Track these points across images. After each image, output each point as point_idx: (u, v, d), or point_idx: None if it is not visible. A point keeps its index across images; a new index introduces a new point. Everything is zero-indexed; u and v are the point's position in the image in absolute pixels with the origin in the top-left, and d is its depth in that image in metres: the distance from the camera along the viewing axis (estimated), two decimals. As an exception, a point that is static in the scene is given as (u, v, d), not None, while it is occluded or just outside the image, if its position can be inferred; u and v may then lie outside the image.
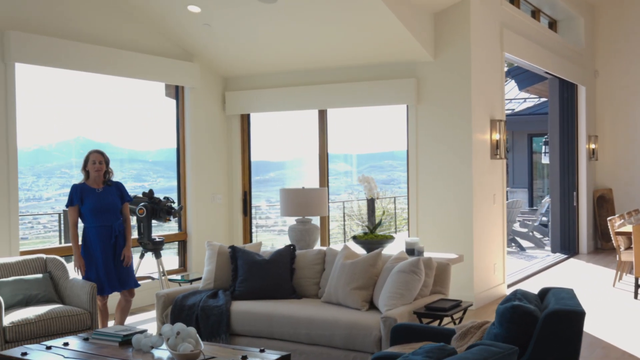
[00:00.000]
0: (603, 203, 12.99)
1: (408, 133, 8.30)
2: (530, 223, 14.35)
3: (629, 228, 8.91)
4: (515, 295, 3.82)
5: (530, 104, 18.40)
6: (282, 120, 10.12)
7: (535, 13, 11.40)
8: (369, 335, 4.97)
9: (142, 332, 4.58)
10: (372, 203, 6.87)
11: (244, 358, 4.12)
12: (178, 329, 4.16)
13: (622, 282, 9.33)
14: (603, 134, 13.15)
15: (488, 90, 8.42)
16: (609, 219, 9.20)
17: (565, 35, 12.34)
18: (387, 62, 8.34)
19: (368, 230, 6.70)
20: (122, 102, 8.96)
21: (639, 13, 12.83)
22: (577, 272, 10.68)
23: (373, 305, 5.43)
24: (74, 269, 6.11)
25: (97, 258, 6.04)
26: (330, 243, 9.43)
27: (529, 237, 13.95)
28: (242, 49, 8.71)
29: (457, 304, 5.21)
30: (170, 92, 9.13)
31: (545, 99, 14.77)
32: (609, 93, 13.07)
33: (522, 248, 13.42)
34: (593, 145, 12.84)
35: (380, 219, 6.74)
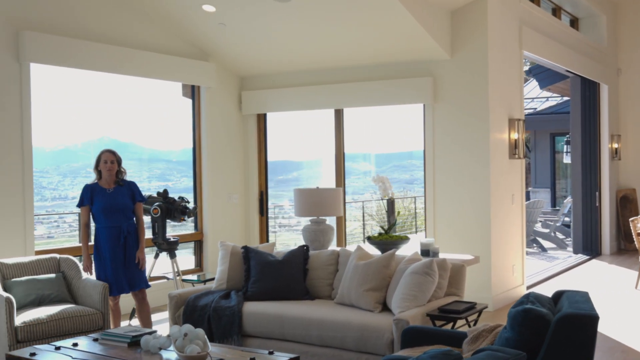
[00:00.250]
0: (626, 203, 12.77)
1: (425, 132, 8.21)
2: (552, 223, 14.16)
3: (652, 229, 8.73)
4: (528, 298, 3.72)
5: (553, 103, 18.17)
6: (299, 120, 10.07)
7: (556, 11, 11.23)
8: (381, 338, 4.89)
9: (151, 333, 4.55)
10: (391, 203, 6.80)
11: (252, 360, 4.07)
12: (186, 330, 4.12)
13: (644, 284, 9.16)
14: (626, 133, 12.93)
15: (506, 89, 8.29)
16: (632, 220, 9.02)
17: (587, 33, 12.15)
18: (403, 60, 8.25)
19: (383, 231, 6.62)
20: (140, 102, 8.98)
21: (663, 10, 12.61)
22: (599, 273, 10.50)
23: (386, 307, 5.36)
24: (83, 270, 6.09)
25: (105, 258, 6.02)
26: (350, 243, 9.37)
27: (551, 237, 13.76)
28: (257, 48, 8.68)
29: (471, 307, 5.12)
30: (187, 92, 9.12)
31: (568, 98, 14.56)
32: (632, 91, 12.84)
33: (543, 249, 13.24)
34: (616, 145, 12.63)
35: (395, 220, 6.66)
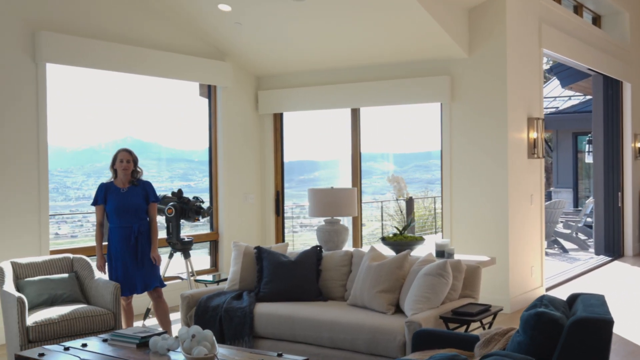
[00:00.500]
0: (650, 204, 12.55)
1: (442, 131, 8.10)
2: (574, 224, 13.95)
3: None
4: (542, 301, 3.63)
5: (575, 102, 17.93)
6: (319, 120, 10.01)
7: (578, 8, 11.05)
8: (393, 340, 4.81)
9: (160, 334, 4.52)
10: (410, 203, 6.72)
11: (260, 362, 4.02)
12: (193, 332, 4.08)
13: (667, 286, 8.99)
14: (650, 132, 12.70)
15: (525, 88, 8.16)
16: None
17: (610, 31, 11.94)
18: (420, 59, 8.16)
19: (398, 232, 6.53)
20: (159, 102, 8.99)
21: (688, 7, 12.36)
22: (621, 275, 10.32)
23: (399, 309, 5.27)
24: (97, 270, 6.08)
25: (117, 259, 5.99)
26: (369, 244, 9.28)
27: (572, 238, 13.56)
28: (273, 48, 8.63)
29: (485, 309, 5.03)
30: (204, 91, 9.10)
31: (590, 97, 14.35)
32: (656, 90, 12.62)
33: (564, 250, 13.06)
34: (639, 144, 12.41)
35: (410, 220, 6.57)
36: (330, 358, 5.12)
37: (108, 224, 6.14)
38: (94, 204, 6.11)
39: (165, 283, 6.37)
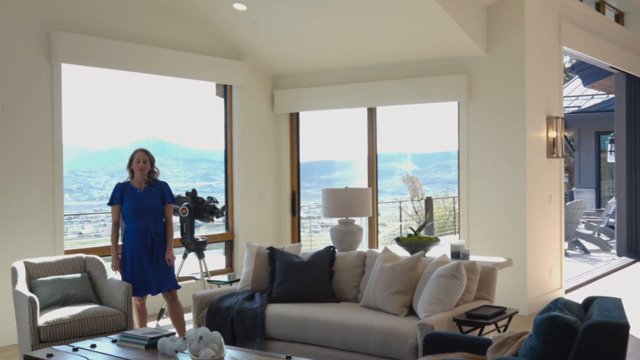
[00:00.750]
0: (674, 204, 12.30)
1: (459, 130, 7.99)
2: (596, 225, 13.73)
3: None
4: (556, 305, 3.53)
5: (598, 101, 17.67)
6: (337, 120, 9.94)
7: (600, 5, 10.87)
8: (405, 343, 4.73)
9: (168, 335, 4.48)
10: (429, 203, 6.64)
11: (268, 365, 3.96)
12: (201, 334, 4.03)
13: (691, 288, 8.79)
14: (674, 132, 12.45)
15: (544, 86, 8.03)
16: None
17: (633, 28, 11.71)
18: (437, 57, 8.05)
19: (413, 232, 6.44)
20: (177, 102, 9.00)
21: None
22: (643, 277, 10.14)
23: (413, 311, 5.19)
24: (112, 269, 6.07)
25: (132, 259, 5.97)
26: (388, 245, 9.17)
27: (594, 239, 13.35)
28: (289, 47, 8.58)
29: (500, 311, 4.92)
30: (220, 91, 9.07)
31: (613, 95, 14.12)
32: (681, 88, 12.36)
33: (586, 251, 12.86)
34: (663, 144, 12.17)
35: (425, 221, 6.47)
36: (342, 360, 5.05)
37: (124, 224, 6.12)
38: (110, 204, 6.08)
39: (180, 285, 6.31)
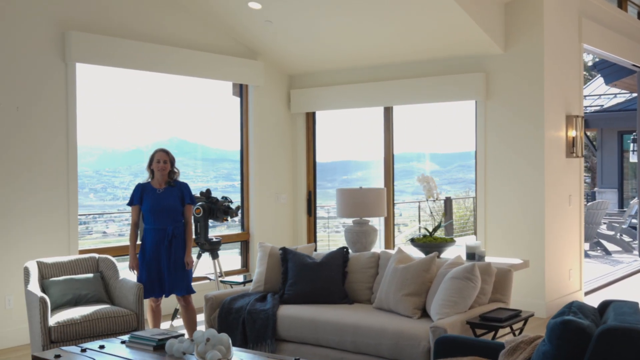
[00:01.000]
0: (698, 205, 12.08)
1: (476, 129, 7.88)
2: (618, 225, 13.51)
3: None
4: (570, 309, 3.42)
5: (621, 100, 17.40)
6: (353, 119, 9.86)
7: (622, 2, 10.67)
8: (417, 346, 4.64)
9: (177, 336, 4.44)
10: (448, 203, 6.53)
11: (276, 368, 3.90)
12: (208, 335, 3.98)
13: None
14: (698, 131, 12.22)
15: (564, 84, 7.88)
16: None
17: (656, 25, 11.51)
18: (454, 55, 7.94)
19: (428, 233, 6.34)
20: (196, 102, 8.98)
21: None
22: (666, 279, 9.94)
23: (426, 313, 5.10)
24: (130, 269, 6.04)
25: (150, 260, 5.91)
26: (408, 245, 9.08)
27: (616, 240, 13.13)
28: (305, 46, 8.52)
29: (515, 314, 4.82)
30: (237, 91, 9.04)
31: (636, 94, 13.89)
32: None
33: (607, 252, 12.65)
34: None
35: (440, 221, 6.38)
36: (353, 363, 4.98)
37: (143, 225, 6.08)
38: (130, 204, 6.05)
39: (194, 290, 6.22)
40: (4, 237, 6.42)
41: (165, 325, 7.07)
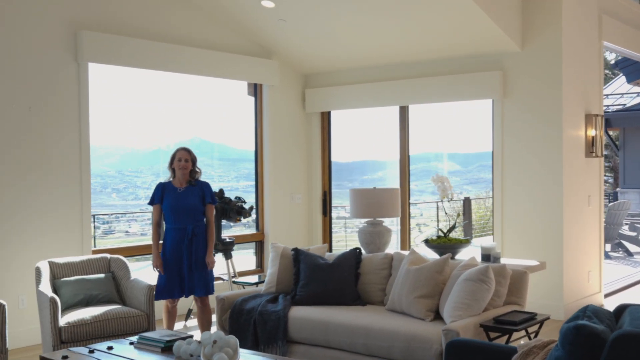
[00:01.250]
0: None
1: (493, 129, 7.76)
2: (640, 226, 13.31)
3: None
4: (585, 313, 3.32)
5: (644, 98, 17.13)
6: (367, 118, 9.78)
7: (644, -1, 10.49)
8: (429, 349, 4.55)
9: (185, 338, 4.39)
10: (467, 204, 6.43)
11: (283, 371, 3.83)
12: (215, 337, 3.93)
13: None
14: None
15: (583, 83, 7.74)
16: None
17: (679, 22, 11.29)
18: (470, 54, 7.83)
19: (442, 234, 6.25)
20: (214, 102, 8.97)
21: None
22: (689, 281, 9.73)
23: (439, 316, 5.01)
24: (153, 268, 5.98)
25: (170, 261, 5.85)
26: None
27: (638, 241, 12.91)
28: (319, 45, 8.45)
29: (530, 317, 4.71)
30: (252, 90, 9.00)
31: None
32: None
33: (629, 253, 12.45)
34: None
35: (455, 222, 6.28)
36: (365, 366, 4.90)
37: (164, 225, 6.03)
38: (151, 204, 5.99)
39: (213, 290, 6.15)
40: (17, 236, 6.43)
41: (179, 326, 7.04)
